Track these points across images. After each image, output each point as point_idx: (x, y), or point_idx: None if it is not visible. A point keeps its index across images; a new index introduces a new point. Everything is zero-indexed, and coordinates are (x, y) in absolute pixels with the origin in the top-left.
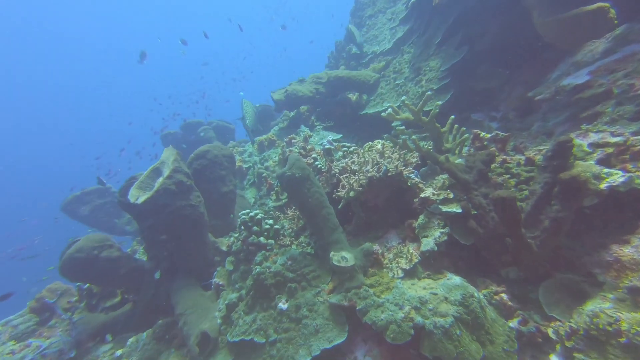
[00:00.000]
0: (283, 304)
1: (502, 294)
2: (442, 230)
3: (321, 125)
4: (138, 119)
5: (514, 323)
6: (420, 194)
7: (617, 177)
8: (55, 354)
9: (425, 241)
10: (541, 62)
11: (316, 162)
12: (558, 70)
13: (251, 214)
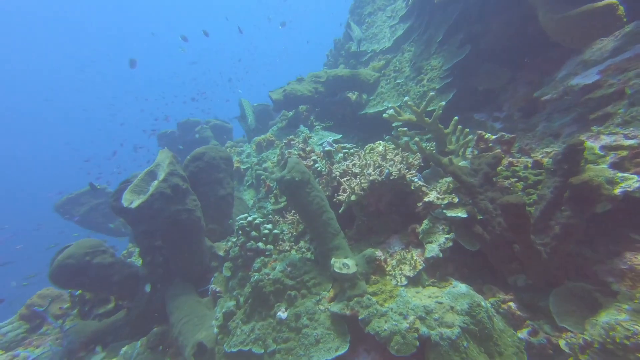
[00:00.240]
0: (282, 313)
1: (510, 303)
2: (447, 235)
3: (320, 125)
4: (130, 119)
5: (524, 334)
6: (424, 198)
7: (632, 182)
8: None
9: (429, 247)
10: (545, 61)
11: (316, 165)
12: (565, 69)
13: (249, 219)
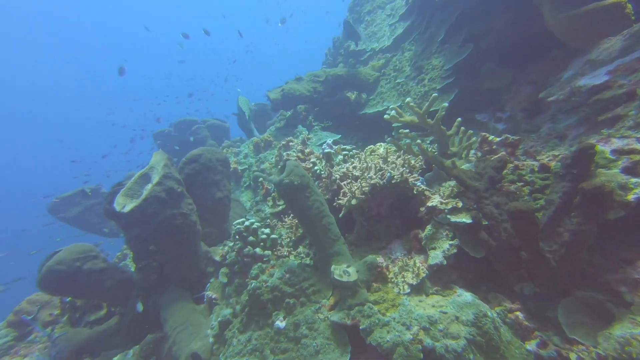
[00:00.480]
0: (280, 322)
1: (517, 312)
2: (451, 242)
3: (319, 125)
4: (122, 120)
5: (532, 346)
6: (427, 203)
7: None
8: None
9: (433, 254)
10: (549, 61)
11: (315, 167)
12: (571, 69)
13: (246, 223)
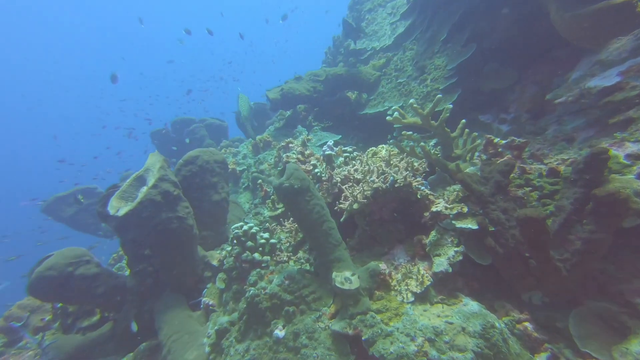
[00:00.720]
0: (280, 331)
1: (526, 323)
2: (457, 248)
3: (319, 125)
4: (110, 121)
5: (542, 359)
6: (431, 208)
7: None
8: None
9: (437, 261)
10: (553, 61)
11: (316, 170)
12: (579, 70)
13: (245, 228)
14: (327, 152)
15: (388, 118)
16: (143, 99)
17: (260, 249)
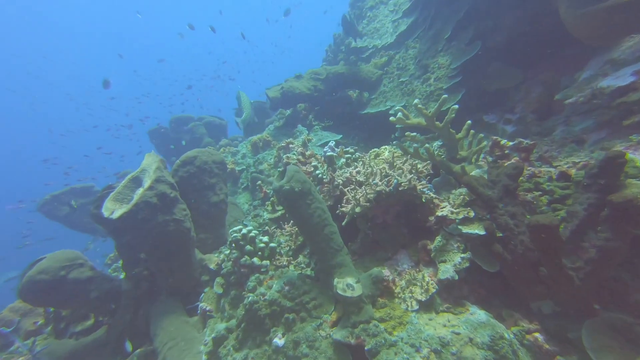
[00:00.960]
0: (279, 339)
1: (536, 334)
2: (463, 255)
3: (320, 124)
4: (100, 121)
5: None
6: (436, 212)
7: None
8: None
9: (443, 267)
10: (560, 60)
11: (317, 171)
12: (589, 69)
13: (244, 231)
14: (329, 153)
15: (391, 119)
16: (141, 97)
17: (259, 253)
